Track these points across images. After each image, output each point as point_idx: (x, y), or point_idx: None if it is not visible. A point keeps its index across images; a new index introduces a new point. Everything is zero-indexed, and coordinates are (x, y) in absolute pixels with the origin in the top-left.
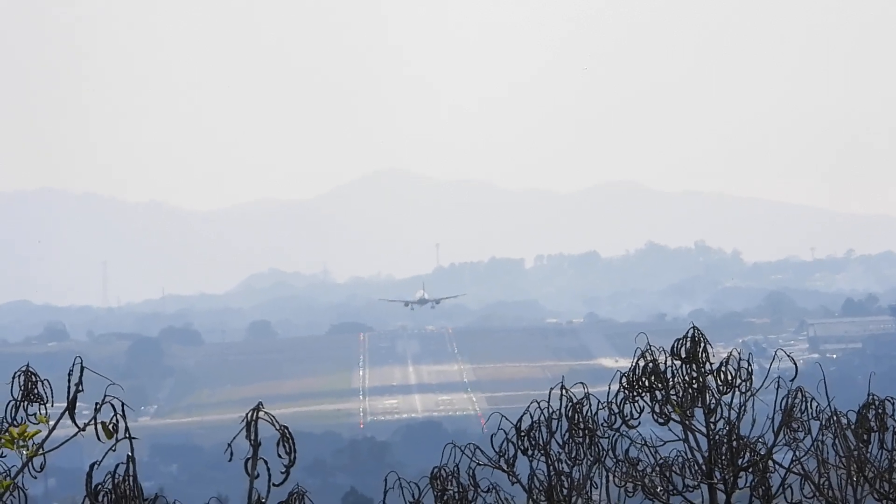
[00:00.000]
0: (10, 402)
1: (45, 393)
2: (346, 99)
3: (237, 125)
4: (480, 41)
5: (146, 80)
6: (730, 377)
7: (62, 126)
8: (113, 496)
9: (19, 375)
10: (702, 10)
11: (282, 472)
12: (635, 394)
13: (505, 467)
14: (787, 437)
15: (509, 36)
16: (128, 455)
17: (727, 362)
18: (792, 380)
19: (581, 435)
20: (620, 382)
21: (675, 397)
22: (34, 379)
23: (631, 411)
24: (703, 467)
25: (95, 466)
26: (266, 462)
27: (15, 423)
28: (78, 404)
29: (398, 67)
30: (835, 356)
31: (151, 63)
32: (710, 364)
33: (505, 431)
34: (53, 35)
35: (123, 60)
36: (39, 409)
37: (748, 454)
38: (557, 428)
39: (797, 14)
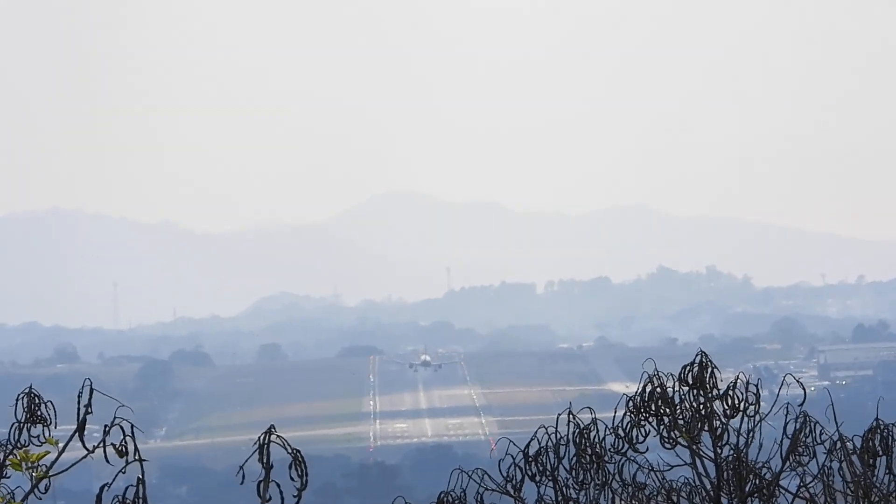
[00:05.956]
0: (13, 424)
1: (49, 415)
2: (356, 120)
3: (248, 146)
4: (489, 64)
5: (156, 99)
6: (737, 401)
7: (73, 146)
8: None
9: (23, 397)
10: (714, 32)
11: (294, 496)
12: (641, 418)
13: (512, 492)
14: (792, 462)
15: (518, 58)
16: (138, 477)
17: (734, 386)
18: (800, 405)
19: (588, 460)
20: (627, 407)
21: (682, 422)
22: (37, 401)
23: (637, 436)
24: (711, 493)
25: (105, 489)
26: (279, 485)
27: (19, 444)
28: (87, 426)
29: (407, 89)
30: (845, 383)
31: (162, 83)
32: (718, 389)
33: (512, 456)
34: (63, 52)
35: (135, 80)
36: (43, 431)
37: (754, 480)
38: (565, 453)
39: (807, 38)
